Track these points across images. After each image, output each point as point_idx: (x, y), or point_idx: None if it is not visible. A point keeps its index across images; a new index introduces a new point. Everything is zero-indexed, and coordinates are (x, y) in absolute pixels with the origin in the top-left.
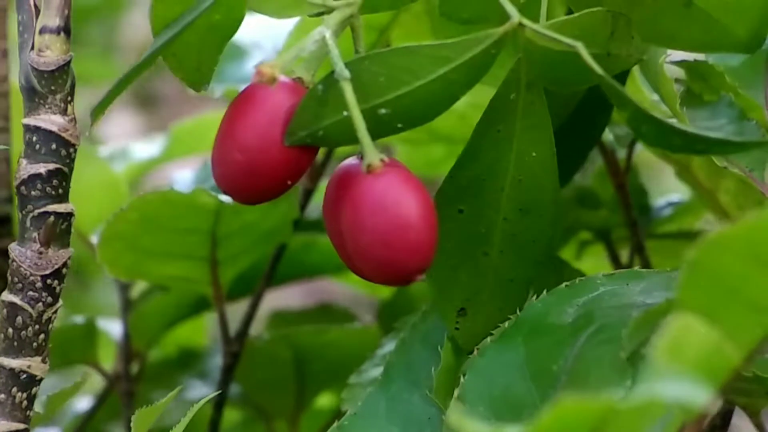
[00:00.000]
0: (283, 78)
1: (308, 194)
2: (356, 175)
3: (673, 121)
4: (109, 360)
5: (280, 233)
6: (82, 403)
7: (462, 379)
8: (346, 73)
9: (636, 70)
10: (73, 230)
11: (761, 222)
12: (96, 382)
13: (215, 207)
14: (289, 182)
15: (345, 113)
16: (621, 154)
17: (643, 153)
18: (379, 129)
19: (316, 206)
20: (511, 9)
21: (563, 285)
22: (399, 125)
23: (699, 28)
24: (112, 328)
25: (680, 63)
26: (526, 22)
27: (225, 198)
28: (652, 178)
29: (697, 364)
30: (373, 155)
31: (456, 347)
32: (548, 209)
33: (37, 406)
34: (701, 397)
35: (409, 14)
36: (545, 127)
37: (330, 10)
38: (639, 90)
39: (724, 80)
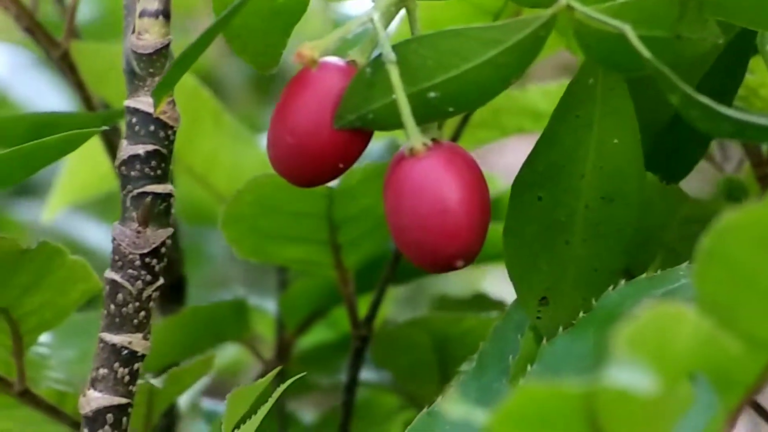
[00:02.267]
0: (336, 61)
1: None
2: (401, 159)
3: (722, 107)
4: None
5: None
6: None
7: (529, 368)
8: (392, 56)
9: None
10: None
11: None
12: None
13: (326, 191)
14: (342, 165)
15: (393, 96)
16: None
17: None
18: (430, 112)
19: None
20: None
21: (644, 276)
22: (450, 109)
23: None
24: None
25: None
26: (574, 4)
27: (332, 182)
28: None
29: (688, 354)
30: (416, 138)
31: (538, 337)
32: (634, 198)
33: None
34: (645, 384)
35: None
36: (627, 114)
37: None
38: None
39: None
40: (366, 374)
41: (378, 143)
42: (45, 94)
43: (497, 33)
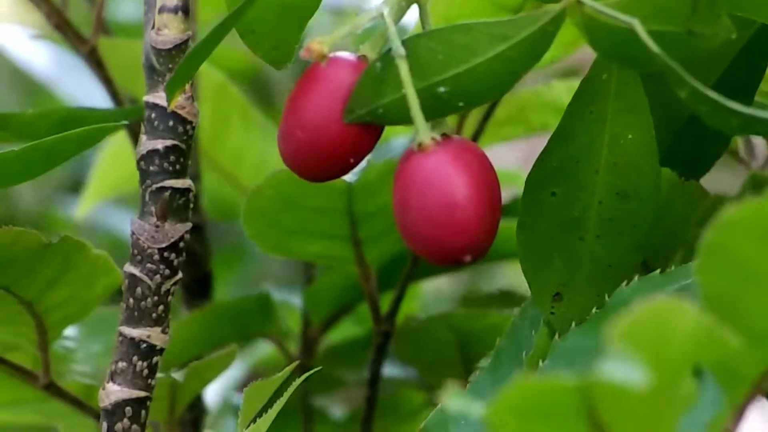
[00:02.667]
0: (347, 55)
1: None
2: (410, 154)
3: (731, 102)
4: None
5: None
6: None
7: (541, 364)
8: (402, 51)
9: None
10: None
11: None
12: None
13: (345, 186)
14: (352, 160)
15: (403, 91)
16: None
17: None
18: (441, 107)
19: None
20: None
21: (657, 272)
22: (460, 104)
23: None
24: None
25: None
26: None
27: (351, 178)
28: None
29: (689, 348)
30: (425, 133)
31: (552, 332)
32: (648, 194)
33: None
34: (638, 378)
35: None
36: (641, 110)
37: None
38: None
39: None
40: (392, 370)
41: (402, 139)
42: (90, 90)
43: (506, 28)
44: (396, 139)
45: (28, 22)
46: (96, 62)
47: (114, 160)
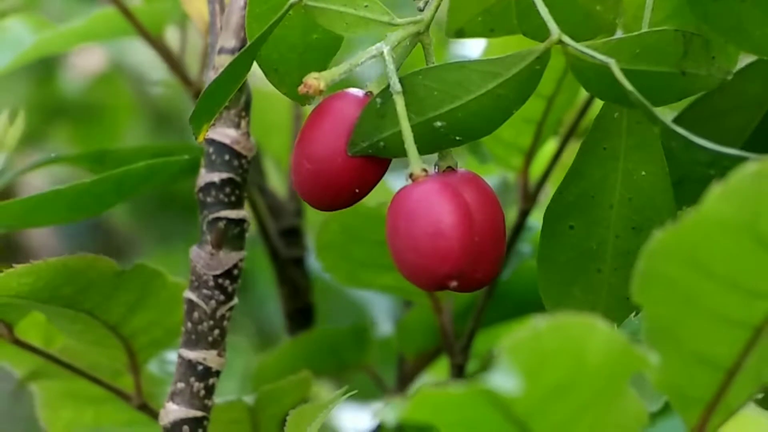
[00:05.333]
0: (354, 91)
1: (524, 215)
2: (403, 185)
3: (698, 138)
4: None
5: None
6: None
7: None
8: (399, 87)
9: None
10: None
11: (694, 223)
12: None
13: None
14: (358, 191)
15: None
16: None
17: None
18: (438, 141)
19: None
20: (552, 25)
21: None
22: (457, 138)
23: None
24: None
25: None
26: (565, 39)
27: None
28: None
29: (604, 364)
30: (416, 165)
31: None
32: None
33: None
34: (512, 388)
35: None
36: (654, 146)
37: (395, 28)
38: None
39: None
40: None
41: (492, 179)
42: None
43: (496, 66)
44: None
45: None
46: None
47: None
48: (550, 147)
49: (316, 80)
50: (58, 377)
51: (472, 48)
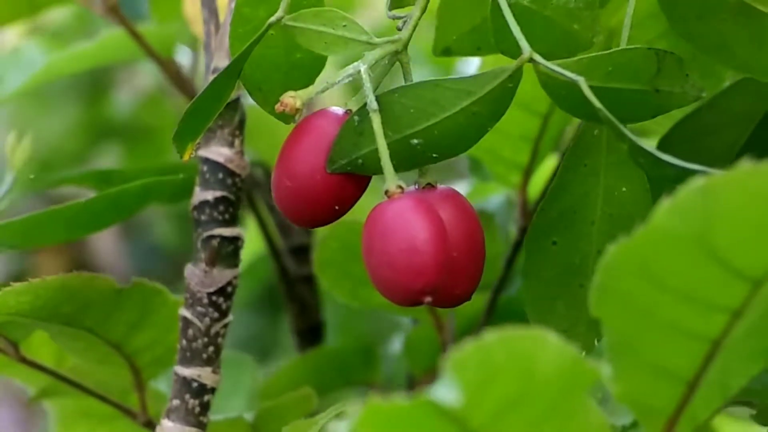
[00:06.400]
0: (335, 109)
1: (523, 231)
2: (380, 202)
3: (664, 155)
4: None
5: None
6: None
7: None
8: (375, 106)
9: None
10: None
11: (644, 237)
12: None
13: None
14: (337, 207)
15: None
16: None
17: None
18: (416, 158)
19: None
20: (524, 44)
21: None
22: (433, 155)
23: None
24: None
25: None
26: (536, 57)
27: None
28: None
29: (555, 377)
30: (392, 182)
31: None
32: None
33: None
34: (452, 400)
35: None
36: (633, 163)
37: (373, 47)
38: None
39: None
40: None
41: (496, 198)
42: None
43: (470, 84)
44: (492, 198)
45: None
46: None
47: None
48: (550, 164)
49: (292, 99)
50: (69, 395)
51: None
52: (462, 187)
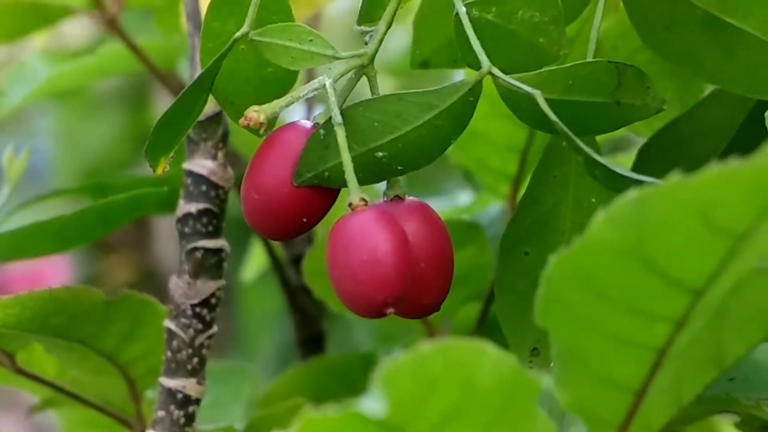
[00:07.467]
0: (302, 123)
1: None
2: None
3: (619, 168)
4: None
5: (476, 279)
6: None
7: None
8: (340, 119)
9: None
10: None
11: (582, 248)
12: None
13: None
14: (305, 220)
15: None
16: None
17: None
18: (381, 171)
19: None
20: (483, 57)
21: None
22: (399, 167)
23: None
24: None
25: None
26: (495, 71)
27: None
28: None
29: (495, 387)
30: (355, 195)
31: None
32: None
33: None
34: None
35: None
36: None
37: (339, 61)
38: None
39: None
40: None
41: (494, 207)
42: None
43: (432, 98)
44: (490, 208)
45: None
46: None
47: None
48: None
49: (256, 113)
50: (71, 405)
51: None
52: (466, 197)
